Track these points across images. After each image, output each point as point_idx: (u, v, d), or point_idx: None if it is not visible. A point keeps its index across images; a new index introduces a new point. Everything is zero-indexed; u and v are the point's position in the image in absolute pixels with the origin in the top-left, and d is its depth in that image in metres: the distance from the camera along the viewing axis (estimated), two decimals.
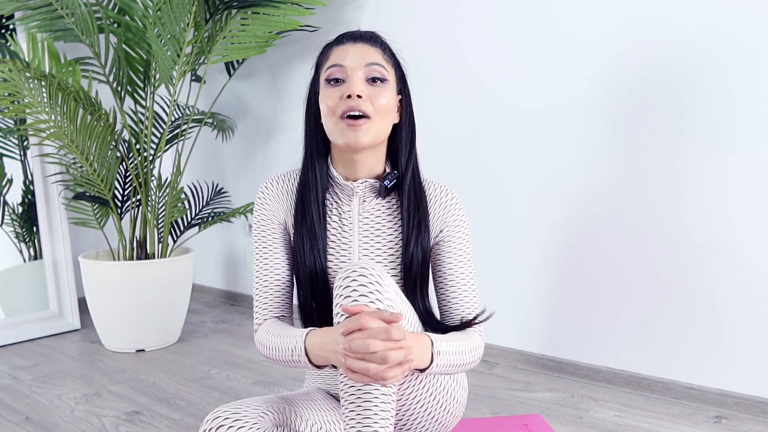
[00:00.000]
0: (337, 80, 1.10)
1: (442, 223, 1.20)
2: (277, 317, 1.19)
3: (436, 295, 1.23)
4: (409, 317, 1.11)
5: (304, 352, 1.04)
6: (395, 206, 1.20)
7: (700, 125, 1.71)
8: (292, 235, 1.20)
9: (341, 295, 1.00)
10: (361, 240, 1.19)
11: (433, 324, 1.19)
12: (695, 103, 1.71)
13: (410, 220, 1.17)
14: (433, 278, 1.23)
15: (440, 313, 1.22)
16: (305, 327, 1.20)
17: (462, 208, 1.23)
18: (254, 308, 1.20)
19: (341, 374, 0.99)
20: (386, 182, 1.17)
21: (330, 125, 1.11)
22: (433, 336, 1.05)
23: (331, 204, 1.20)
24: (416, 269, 1.17)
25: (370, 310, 0.96)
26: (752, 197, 1.65)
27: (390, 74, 1.13)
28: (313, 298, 1.18)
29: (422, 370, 1.03)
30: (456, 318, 1.19)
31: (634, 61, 1.79)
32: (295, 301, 1.19)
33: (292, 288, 1.23)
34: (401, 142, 1.19)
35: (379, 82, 1.10)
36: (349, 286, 1.00)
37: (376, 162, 1.18)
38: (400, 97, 1.18)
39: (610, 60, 1.83)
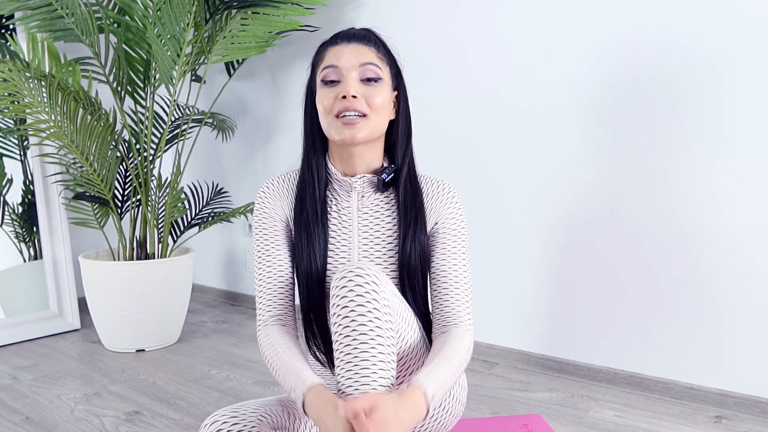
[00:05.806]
0: (332, 81, 1.12)
1: (437, 215, 1.20)
2: (281, 317, 1.17)
3: (429, 288, 1.22)
4: (407, 317, 1.11)
5: (301, 403, 0.99)
6: (394, 201, 1.21)
7: (694, 122, 1.71)
8: (293, 232, 1.20)
9: (338, 296, 1.00)
10: (361, 235, 1.19)
11: (428, 323, 1.19)
12: (688, 100, 1.71)
13: (407, 214, 1.18)
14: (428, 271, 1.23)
15: (431, 306, 1.20)
16: (304, 326, 1.20)
17: (459, 202, 1.23)
18: (257, 306, 1.20)
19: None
20: (383, 176, 1.18)
21: (326, 124, 1.13)
22: (424, 379, 0.99)
23: (331, 200, 1.21)
24: (414, 264, 1.17)
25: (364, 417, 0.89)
26: (747, 194, 1.65)
27: (384, 72, 1.14)
28: (309, 296, 1.18)
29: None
30: (444, 313, 1.17)
31: (629, 58, 1.79)
32: (297, 302, 1.19)
33: (294, 285, 1.23)
34: (398, 136, 1.20)
35: (373, 81, 1.12)
36: (345, 287, 0.99)
37: (373, 157, 1.19)
38: (395, 92, 1.19)
39: (605, 57, 1.83)
